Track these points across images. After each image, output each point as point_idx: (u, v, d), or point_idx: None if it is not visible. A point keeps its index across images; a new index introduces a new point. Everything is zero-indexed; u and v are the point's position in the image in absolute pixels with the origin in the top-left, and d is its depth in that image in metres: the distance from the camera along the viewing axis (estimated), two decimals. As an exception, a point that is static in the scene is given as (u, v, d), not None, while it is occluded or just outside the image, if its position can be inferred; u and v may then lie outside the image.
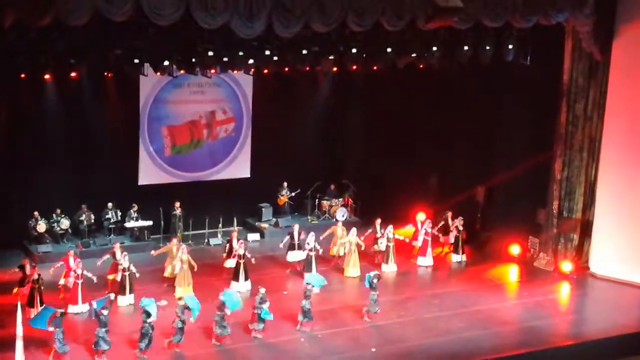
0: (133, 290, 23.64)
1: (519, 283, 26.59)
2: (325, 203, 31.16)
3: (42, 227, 26.84)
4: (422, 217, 28.56)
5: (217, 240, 28.59)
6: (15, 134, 26.48)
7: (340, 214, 30.26)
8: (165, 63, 24.05)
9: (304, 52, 25.06)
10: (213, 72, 25.98)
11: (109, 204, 27.89)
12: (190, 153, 29.59)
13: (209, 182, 29.88)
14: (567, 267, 26.85)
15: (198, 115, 29.39)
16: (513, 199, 28.55)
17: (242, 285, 24.76)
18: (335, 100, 31.19)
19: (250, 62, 25.02)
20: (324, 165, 31.28)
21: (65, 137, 27.41)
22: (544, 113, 27.25)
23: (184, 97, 28.92)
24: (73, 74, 25.09)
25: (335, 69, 28.75)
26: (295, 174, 30.71)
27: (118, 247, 24.59)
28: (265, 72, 27.28)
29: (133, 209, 27.93)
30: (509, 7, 23.16)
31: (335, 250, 27.21)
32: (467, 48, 26.20)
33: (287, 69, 26.85)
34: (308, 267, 25.73)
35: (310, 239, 25.77)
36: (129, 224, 27.97)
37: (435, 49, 26.16)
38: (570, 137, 26.63)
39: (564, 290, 26.13)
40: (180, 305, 20.76)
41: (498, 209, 29.51)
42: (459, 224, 28.01)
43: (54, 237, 27.19)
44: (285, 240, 26.58)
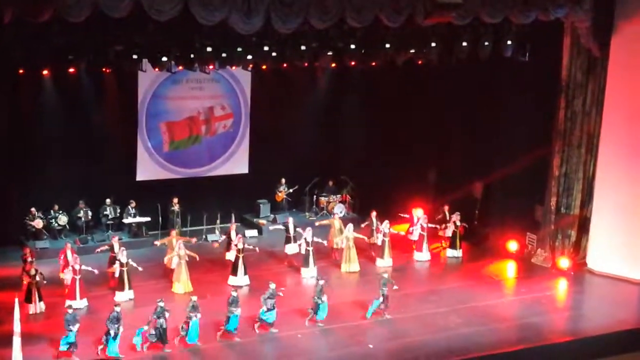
0: (132, 286, 23.65)
1: (517, 279, 26.60)
2: (323, 199, 31.16)
3: (39, 223, 26.83)
4: (419, 213, 28.55)
5: (215, 237, 28.56)
6: (13, 130, 26.45)
7: (339, 210, 30.24)
8: (164, 59, 24.03)
9: (303, 48, 25.06)
10: (211, 68, 25.94)
11: (107, 200, 27.89)
12: (189, 149, 29.60)
13: (207, 178, 29.89)
14: (564, 263, 26.86)
15: (196, 111, 29.39)
16: (511, 195, 28.54)
17: (240, 280, 24.85)
18: (334, 96, 31.19)
19: (249, 58, 24.99)
20: (322, 162, 31.25)
21: (63, 132, 27.39)
22: (542, 109, 27.25)
23: (183, 93, 28.92)
24: (71, 70, 25.14)
25: (334, 65, 28.77)
26: (294, 170, 30.71)
27: (116, 240, 24.74)
28: (264, 68, 27.29)
29: (131, 205, 27.94)
30: (508, 2, 23.18)
31: (334, 243, 27.32)
32: (465, 44, 26.16)
33: (285, 65, 26.83)
34: (306, 262, 25.83)
35: (308, 234, 25.79)
36: (127, 220, 27.98)
37: (434, 45, 26.15)
38: (569, 133, 26.65)
39: (562, 287, 26.13)
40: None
41: (496, 205, 29.52)
42: (457, 219, 28.07)
43: (52, 233, 27.19)
44: (272, 225, 27.14)
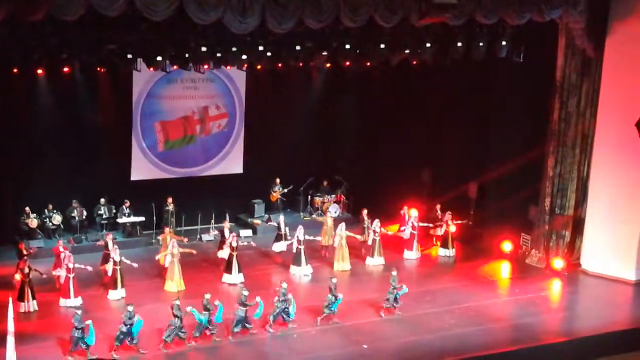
0: (124, 285, 23.67)
1: (511, 280, 26.61)
2: (318, 199, 31.16)
3: (34, 222, 26.78)
4: (414, 213, 28.57)
5: (209, 237, 28.55)
6: (7, 129, 26.33)
7: (333, 210, 30.25)
8: (159, 58, 24.00)
9: (297, 48, 25.06)
10: (206, 67, 25.92)
11: (101, 200, 27.85)
12: (183, 148, 29.57)
13: (202, 177, 29.86)
14: (558, 264, 26.89)
15: (191, 111, 29.36)
16: (505, 196, 28.55)
17: (234, 278, 24.95)
18: (329, 96, 31.17)
19: (244, 57, 24.99)
20: (317, 162, 31.24)
21: (58, 132, 27.35)
22: (537, 110, 27.27)
23: (177, 92, 28.89)
24: (66, 69, 25.10)
25: (329, 65, 28.80)
26: (288, 170, 30.70)
27: (110, 237, 24.81)
28: (259, 67, 27.27)
29: (125, 205, 27.91)
30: (503, 3, 23.18)
31: (325, 241, 27.47)
32: (460, 45, 26.19)
33: (280, 65, 26.83)
34: (297, 260, 25.93)
35: (299, 233, 25.87)
36: (121, 220, 27.94)
37: (429, 46, 26.16)
38: (563, 134, 26.67)
39: (556, 287, 26.16)
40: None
41: (490, 206, 29.55)
42: (448, 218, 28.12)
43: (46, 232, 27.14)
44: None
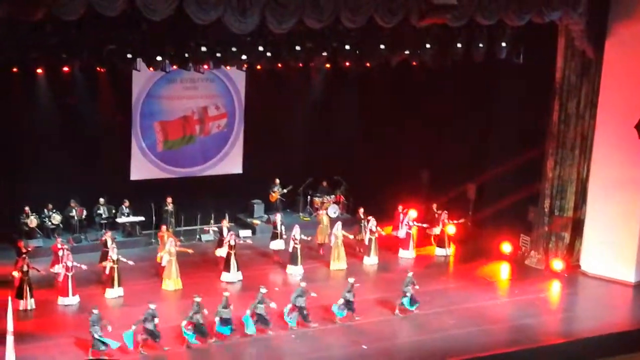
0: (122, 284, 23.72)
1: (510, 281, 26.60)
2: (317, 200, 31.14)
3: (33, 222, 26.77)
4: (413, 214, 28.62)
5: (208, 236, 28.54)
6: (6, 128, 26.34)
7: (332, 211, 30.25)
8: (158, 58, 23.96)
9: (297, 48, 25.02)
10: (206, 67, 25.90)
11: (101, 199, 27.83)
12: (183, 149, 29.54)
13: (201, 177, 29.83)
14: (558, 265, 26.89)
15: (190, 111, 29.33)
16: (504, 197, 28.55)
17: (233, 276, 25.06)
18: (328, 97, 31.14)
19: (243, 57, 24.97)
20: (316, 162, 31.18)
21: (57, 132, 27.34)
22: (536, 111, 27.30)
23: (177, 92, 28.87)
24: (65, 69, 25.10)
25: (328, 66, 28.78)
26: (288, 171, 30.67)
27: (109, 235, 24.89)
28: (258, 68, 27.24)
29: (125, 205, 27.89)
30: (503, 4, 23.17)
31: (321, 239, 27.62)
32: (460, 45, 26.18)
33: (280, 65, 26.81)
34: (294, 259, 25.99)
35: (296, 232, 25.95)
36: (121, 220, 27.92)
37: (429, 47, 26.14)
38: (562, 135, 26.68)
39: (555, 289, 26.17)
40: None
41: (489, 207, 29.53)
42: (445, 217, 28.14)
43: (45, 232, 27.12)
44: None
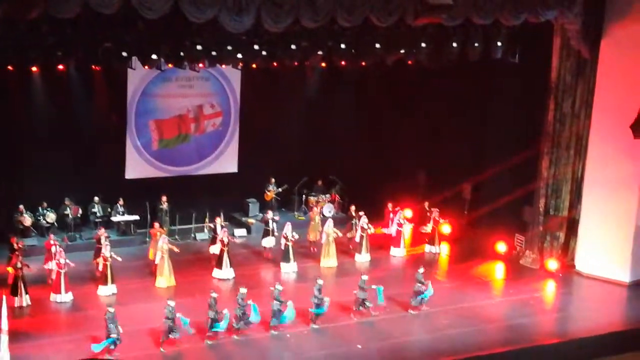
0: (115, 280, 23.78)
1: (505, 280, 26.64)
2: (312, 199, 31.14)
3: (27, 220, 26.75)
4: (408, 213, 28.64)
5: (203, 235, 28.52)
6: (2, 127, 26.28)
7: (327, 210, 30.26)
8: (154, 57, 23.90)
9: (293, 47, 25.00)
10: (201, 66, 25.87)
11: (95, 198, 27.84)
12: (178, 147, 29.52)
13: (196, 176, 29.82)
14: (553, 265, 26.92)
15: (186, 110, 29.31)
16: (500, 197, 28.57)
17: (225, 273, 25.23)
18: (324, 96, 31.13)
19: (239, 56, 24.92)
20: (311, 161, 31.17)
21: (52, 130, 27.29)
22: (532, 111, 27.32)
23: (172, 91, 28.84)
24: (61, 67, 25.05)
25: (324, 65, 28.76)
26: (283, 170, 30.65)
27: (103, 232, 24.99)
28: (254, 66, 27.19)
29: (119, 203, 27.86)
30: (498, 4, 23.19)
31: (313, 237, 27.82)
32: (455, 45, 26.19)
33: (275, 64, 26.75)
34: (285, 257, 26.14)
35: (287, 229, 26.07)
36: (116, 218, 27.91)
37: (424, 46, 26.15)
38: (558, 134, 26.72)
39: (550, 288, 26.20)
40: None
41: (485, 206, 29.55)
42: (436, 215, 28.22)
43: (40, 230, 27.09)
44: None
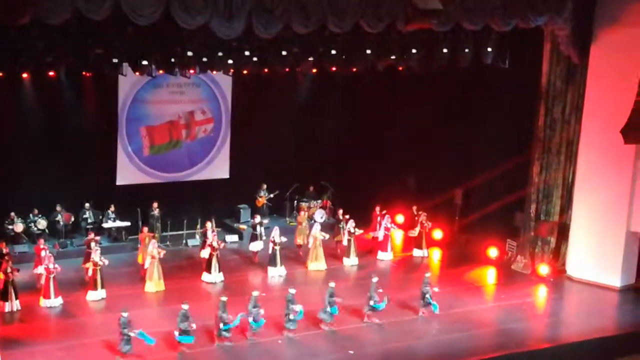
0: (104, 286, 23.76)
1: (497, 286, 26.67)
2: (304, 205, 31.11)
3: (19, 227, 26.68)
4: (400, 218, 28.66)
5: (195, 241, 28.48)
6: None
7: (319, 216, 30.25)
8: (144, 63, 23.91)
9: (284, 53, 25.04)
10: (192, 72, 25.89)
11: (86, 204, 27.77)
12: (169, 153, 29.49)
13: (188, 182, 29.79)
14: (544, 270, 26.96)
15: (177, 116, 29.28)
16: (491, 202, 28.62)
17: (214, 277, 25.28)
18: (315, 102, 31.15)
19: (230, 62, 24.97)
20: (303, 167, 31.15)
21: (43, 136, 27.22)
22: (522, 116, 27.40)
23: (163, 97, 28.82)
24: (51, 73, 24.97)
25: (315, 70, 28.78)
26: (274, 176, 30.65)
27: (93, 236, 24.99)
28: (245, 72, 27.21)
29: (111, 210, 27.80)
30: (488, 10, 23.24)
31: (301, 240, 27.96)
32: (446, 50, 26.26)
33: (266, 70, 26.80)
34: (272, 261, 26.21)
35: (275, 234, 26.09)
36: (107, 225, 27.84)
37: (415, 51, 26.20)
38: (548, 140, 26.79)
39: (541, 293, 26.23)
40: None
41: (476, 212, 29.59)
42: (423, 219, 28.29)
43: (31, 237, 26.99)
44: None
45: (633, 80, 24.27)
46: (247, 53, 24.57)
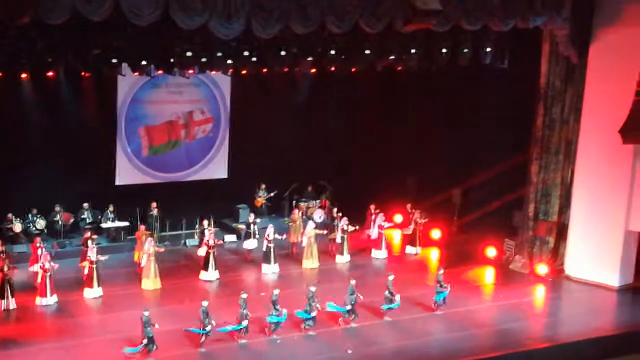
0: (101, 284, 23.79)
1: (495, 285, 26.67)
2: (303, 205, 31.13)
3: (17, 227, 26.69)
4: (398, 218, 28.71)
5: (194, 241, 28.50)
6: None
7: (317, 216, 30.27)
8: (144, 63, 23.97)
9: (283, 53, 25.07)
10: (191, 72, 25.91)
11: (85, 205, 27.80)
12: (168, 153, 29.50)
13: (186, 182, 29.81)
14: (542, 269, 26.98)
15: (176, 116, 29.30)
16: (489, 202, 28.66)
17: (210, 275, 25.36)
18: (314, 102, 31.17)
19: (229, 62, 25.01)
20: (302, 167, 31.18)
21: (42, 136, 27.23)
22: (521, 116, 27.41)
23: (162, 97, 28.83)
24: (50, 74, 25.00)
25: (314, 70, 28.80)
26: (273, 175, 30.67)
27: (89, 235, 25.03)
28: (244, 72, 27.26)
29: (109, 210, 27.83)
30: (487, 10, 23.26)
31: (295, 238, 28.00)
32: (445, 51, 26.29)
33: (265, 70, 26.85)
34: (267, 258, 26.34)
35: (270, 231, 26.22)
36: (106, 225, 27.87)
37: (414, 51, 26.23)
38: (547, 140, 26.80)
39: (539, 293, 26.24)
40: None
41: (474, 211, 29.62)
42: (417, 216, 28.35)
43: (30, 237, 26.97)
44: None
45: (632, 81, 24.27)
46: (246, 53, 24.62)
